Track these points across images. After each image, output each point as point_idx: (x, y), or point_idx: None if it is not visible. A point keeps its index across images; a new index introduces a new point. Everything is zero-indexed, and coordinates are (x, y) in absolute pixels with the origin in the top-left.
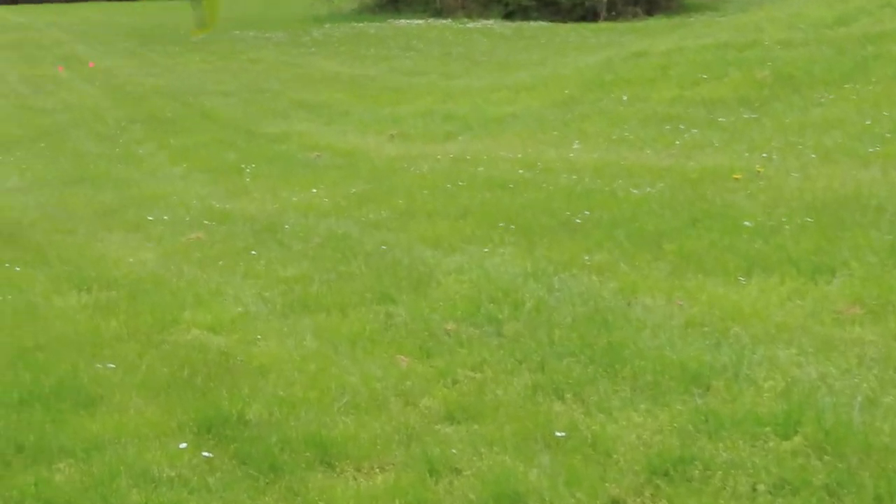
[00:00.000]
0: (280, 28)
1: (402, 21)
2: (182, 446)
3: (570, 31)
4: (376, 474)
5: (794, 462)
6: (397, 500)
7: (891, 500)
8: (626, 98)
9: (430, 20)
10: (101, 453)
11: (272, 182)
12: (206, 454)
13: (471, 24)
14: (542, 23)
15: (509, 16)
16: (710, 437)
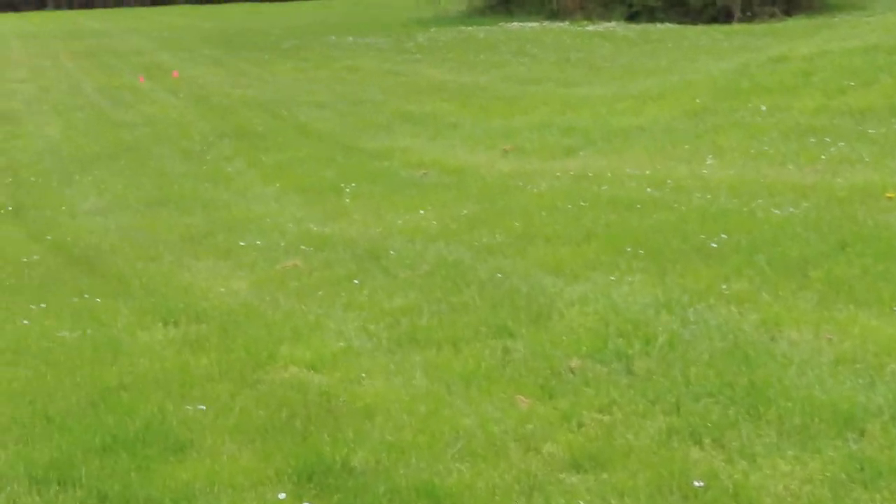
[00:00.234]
0: (380, 33)
1: (514, 24)
2: (281, 496)
3: (701, 33)
4: None
5: None
6: None
7: None
8: (764, 108)
9: (545, 23)
10: None
11: (374, 203)
12: None
13: (591, 27)
14: (669, 25)
15: (633, 17)
16: (865, 488)
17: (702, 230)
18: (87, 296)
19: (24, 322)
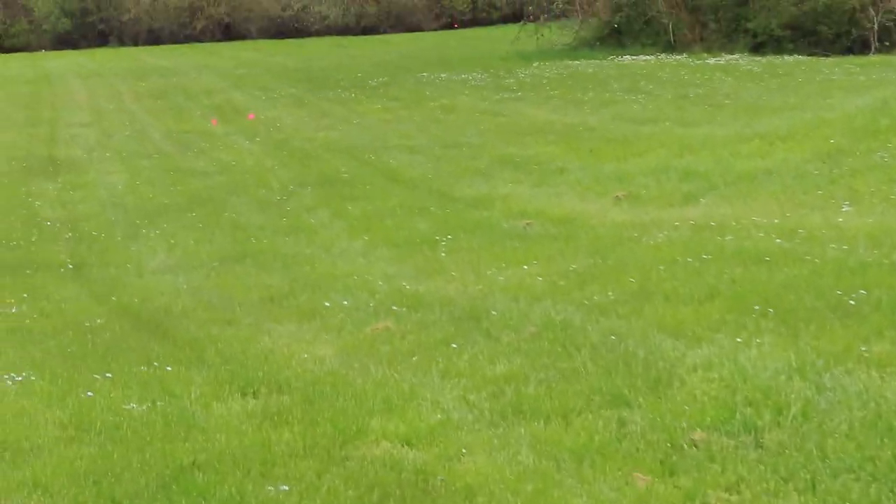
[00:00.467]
0: (478, 68)
1: (626, 58)
2: None
3: (834, 66)
4: None
5: None
6: None
7: None
8: None
9: (660, 56)
10: None
11: (473, 257)
12: None
13: (711, 60)
14: (798, 56)
15: (758, 48)
16: None
17: (838, 285)
18: (156, 364)
19: (88, 394)
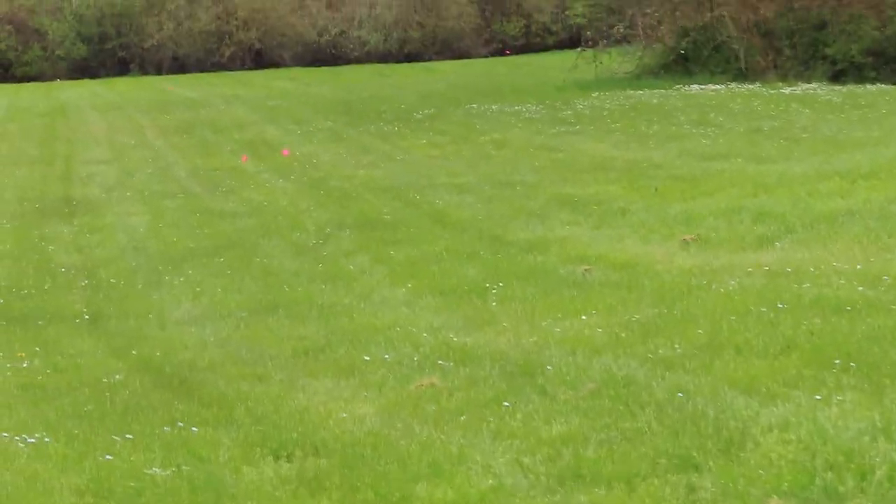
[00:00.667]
0: (531, 99)
1: (694, 87)
2: None
3: None
4: None
5: None
6: None
7: None
8: None
9: (731, 85)
10: None
11: (527, 307)
12: None
13: (786, 90)
14: (882, 86)
15: (838, 77)
16: None
17: None
18: (181, 424)
19: (107, 457)
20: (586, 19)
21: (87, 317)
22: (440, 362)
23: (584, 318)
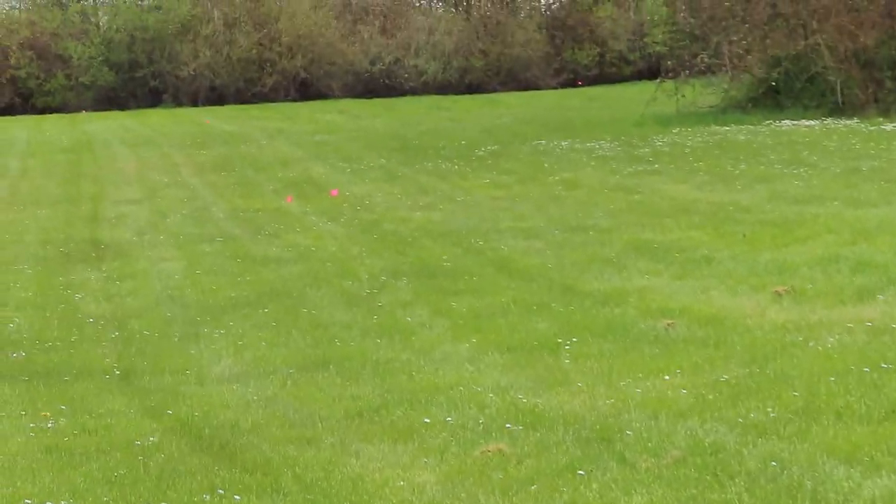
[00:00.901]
0: (606, 135)
1: (785, 122)
2: None
3: None
4: None
5: None
6: None
7: None
8: None
9: (826, 121)
10: None
11: (603, 365)
12: None
13: (888, 126)
14: None
15: None
16: None
17: None
18: (221, 492)
19: None
20: (667, 47)
21: (117, 372)
22: (508, 426)
23: (666, 377)
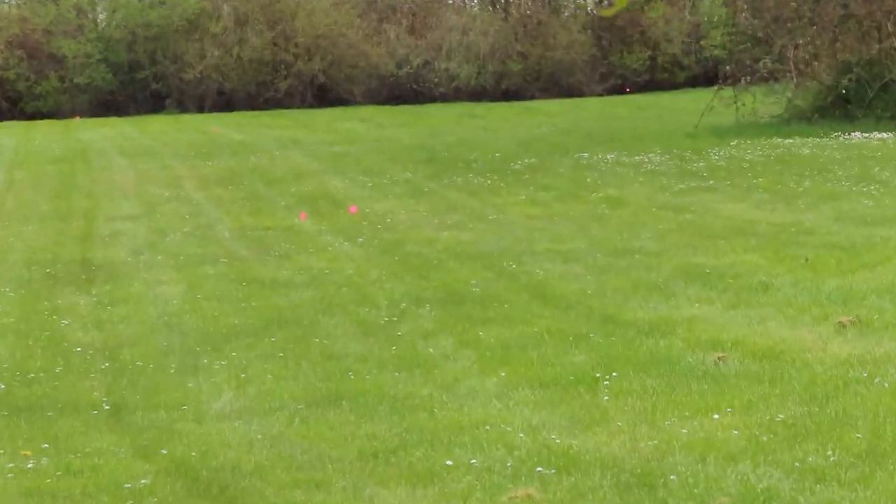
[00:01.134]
0: (656, 148)
1: (855, 135)
2: None
3: None
4: None
5: None
6: None
7: None
8: None
9: None
10: None
11: (646, 403)
12: None
13: None
14: None
15: None
16: None
17: None
18: None
19: None
20: (725, 51)
21: (106, 407)
22: (539, 469)
23: (716, 417)
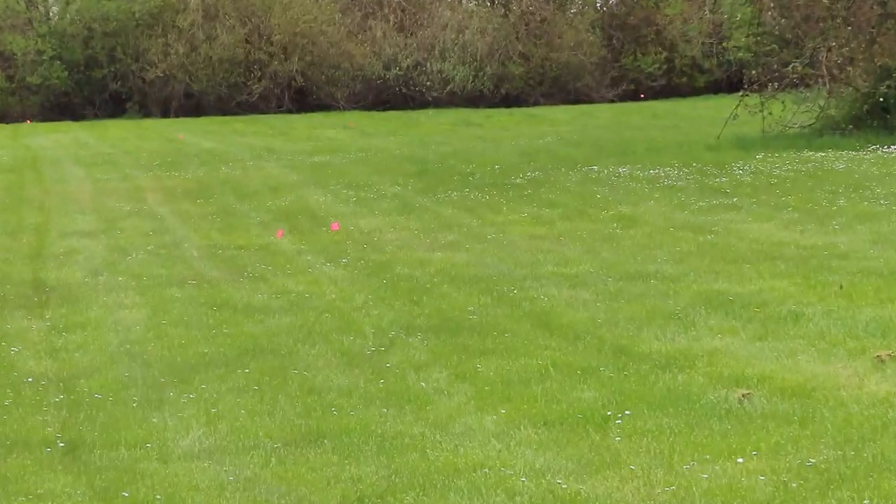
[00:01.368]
0: (674, 160)
1: (894, 148)
2: None
3: None
4: None
5: None
6: None
7: None
8: None
9: None
10: None
11: (662, 444)
12: None
13: None
14: None
15: None
16: None
17: None
18: None
19: None
20: (751, 53)
21: (61, 444)
22: None
23: (740, 461)
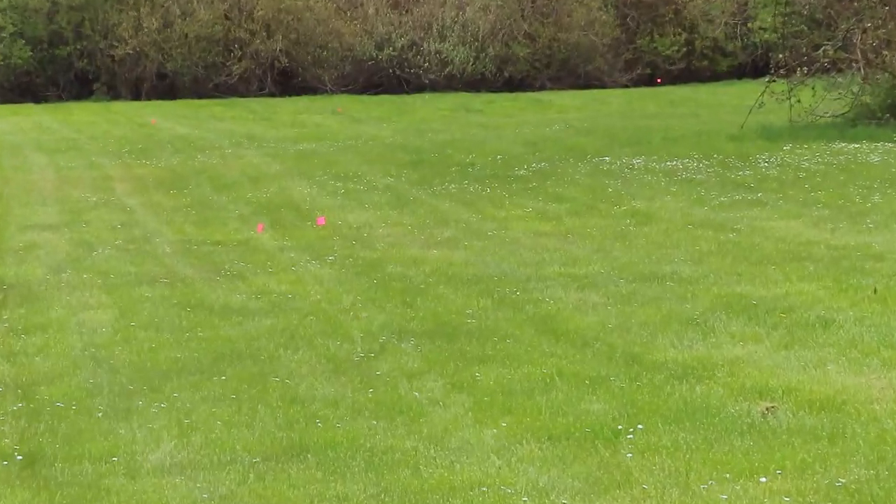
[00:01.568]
0: (693, 152)
1: None
2: None
3: None
4: None
5: None
6: None
7: None
8: None
9: None
10: None
11: (678, 461)
12: None
13: None
14: None
15: None
16: None
17: None
18: None
19: None
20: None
21: (19, 457)
22: None
23: (763, 480)
